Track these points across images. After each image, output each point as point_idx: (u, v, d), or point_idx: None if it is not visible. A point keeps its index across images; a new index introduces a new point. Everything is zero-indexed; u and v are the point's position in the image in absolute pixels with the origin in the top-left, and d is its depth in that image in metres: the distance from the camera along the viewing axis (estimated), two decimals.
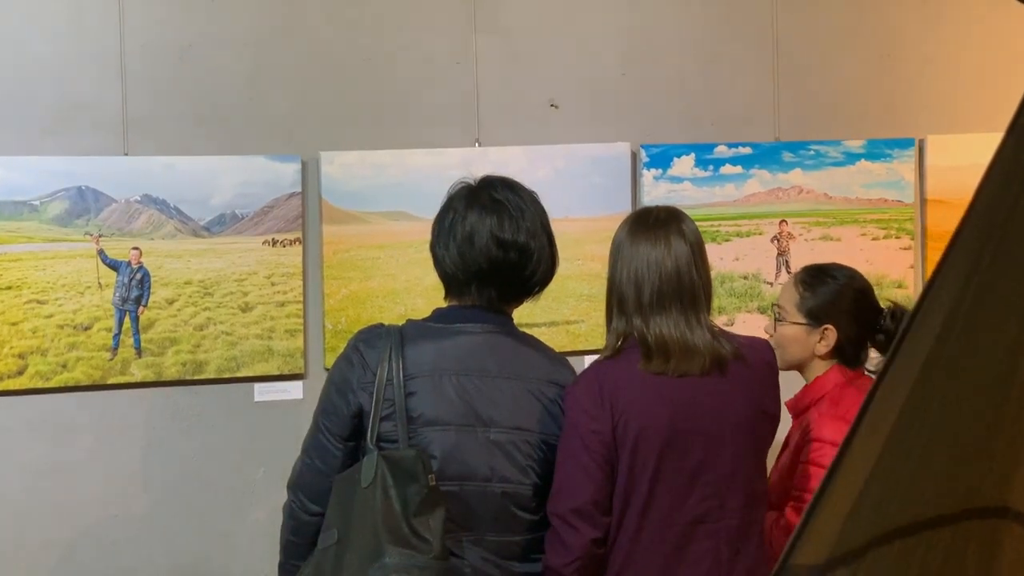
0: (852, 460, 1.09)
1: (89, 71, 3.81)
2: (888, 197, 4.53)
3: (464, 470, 2.84)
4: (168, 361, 3.89)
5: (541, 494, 2.87)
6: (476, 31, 4.12)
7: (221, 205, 3.92)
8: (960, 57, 4.64)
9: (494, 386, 2.87)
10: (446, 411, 2.85)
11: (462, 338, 2.91)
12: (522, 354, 2.91)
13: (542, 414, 2.88)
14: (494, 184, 2.97)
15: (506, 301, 2.95)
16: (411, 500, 2.73)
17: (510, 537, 2.88)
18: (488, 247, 2.87)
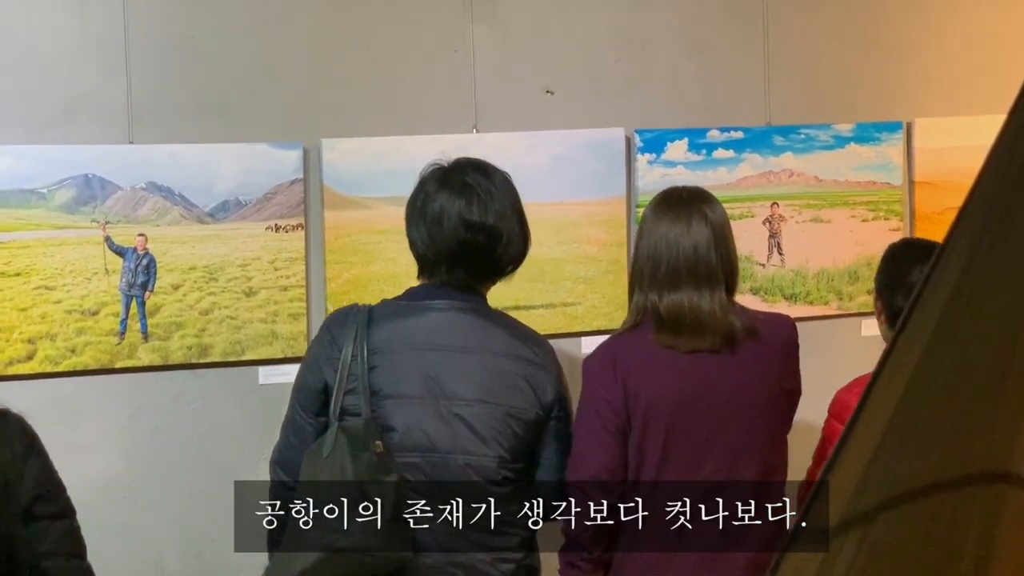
0: (863, 426, 1.10)
1: (93, 61, 3.81)
2: (877, 179, 4.55)
3: (425, 441, 2.90)
4: (174, 345, 3.89)
5: (508, 467, 2.91)
6: (473, 20, 4.13)
7: (225, 192, 3.92)
8: (946, 42, 4.65)
9: (459, 360, 2.92)
10: (408, 385, 2.92)
11: (430, 315, 2.97)
12: (488, 330, 2.95)
13: (506, 388, 2.92)
14: (465, 167, 3.02)
15: (477, 280, 3.00)
16: (361, 467, 2.81)
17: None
18: (457, 229, 2.93)
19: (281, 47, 3.98)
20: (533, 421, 2.95)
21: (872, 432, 1.11)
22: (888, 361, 1.09)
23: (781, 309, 4.44)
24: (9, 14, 3.74)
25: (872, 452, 1.12)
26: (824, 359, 4.49)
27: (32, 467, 2.44)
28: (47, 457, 2.51)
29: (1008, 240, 1.08)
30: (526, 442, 2.95)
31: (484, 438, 2.91)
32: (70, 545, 2.52)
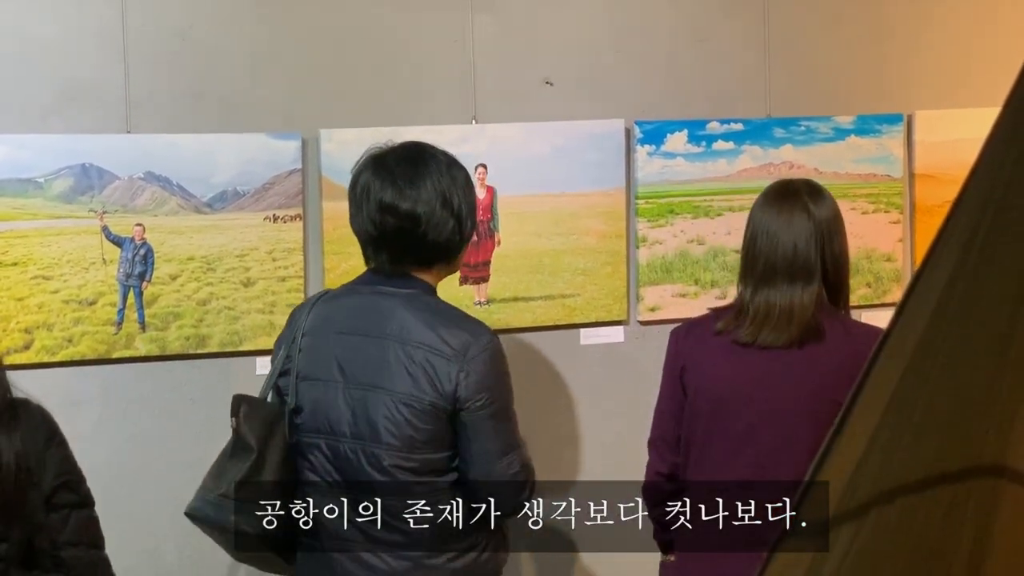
0: (856, 419, 1.10)
1: (92, 50, 3.81)
2: (877, 172, 4.54)
3: (325, 425, 2.94)
4: (172, 336, 3.89)
5: (400, 456, 2.88)
6: (473, 10, 4.12)
7: (223, 182, 3.92)
8: (947, 34, 4.65)
9: (365, 345, 2.92)
10: (318, 367, 2.98)
11: (352, 298, 3.01)
12: (401, 317, 2.92)
13: (407, 376, 2.88)
14: (392, 151, 3.02)
15: (405, 265, 2.98)
16: (229, 443, 3.04)
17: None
18: (373, 210, 2.95)
19: (279, 37, 3.98)
20: (430, 412, 2.87)
21: (864, 427, 1.11)
22: (880, 356, 1.09)
23: None
24: (8, 3, 3.73)
25: (864, 447, 1.12)
26: None
27: (53, 456, 2.45)
28: (68, 447, 2.52)
29: (1002, 234, 1.08)
30: (426, 433, 2.88)
31: (374, 425, 2.90)
32: (89, 535, 2.54)
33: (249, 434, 2.97)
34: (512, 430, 2.98)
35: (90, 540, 2.53)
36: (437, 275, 3.06)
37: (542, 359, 4.25)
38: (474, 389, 2.88)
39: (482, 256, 4.16)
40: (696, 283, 4.37)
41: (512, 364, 3.90)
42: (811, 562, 1.15)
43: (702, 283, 4.37)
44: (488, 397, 2.90)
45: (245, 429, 2.99)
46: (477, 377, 2.89)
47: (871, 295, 4.55)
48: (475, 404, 2.89)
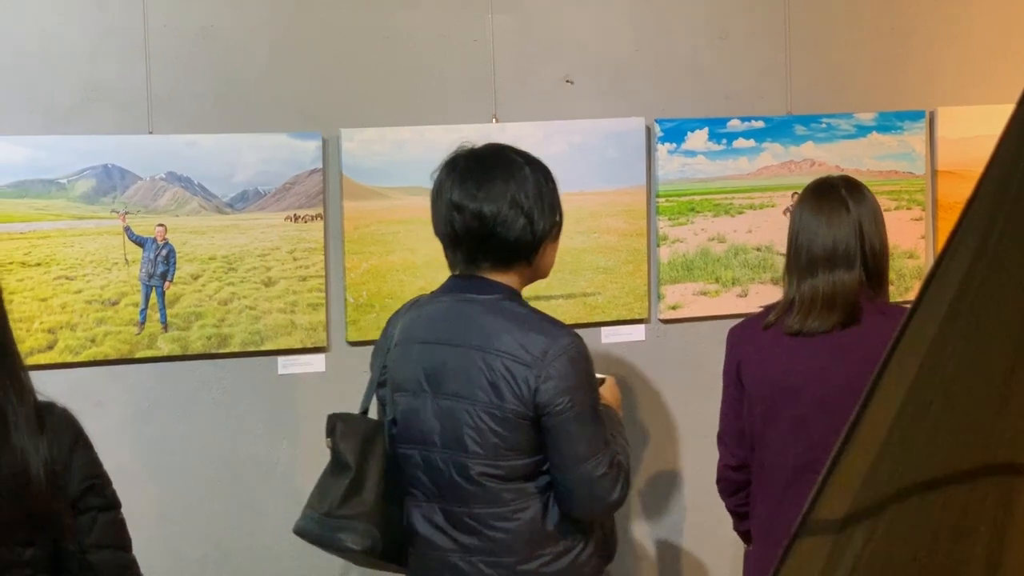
0: (871, 417, 1.10)
1: (113, 51, 3.83)
2: (899, 169, 4.53)
3: (417, 435, 2.97)
4: (194, 335, 3.91)
5: (484, 466, 2.89)
6: (493, 10, 4.13)
7: (244, 182, 3.93)
8: (969, 30, 4.63)
9: (446, 354, 2.95)
10: (407, 377, 3.00)
11: (435, 306, 3.04)
12: (482, 325, 2.93)
13: (488, 385, 2.88)
14: (471, 151, 3.05)
15: (481, 265, 2.98)
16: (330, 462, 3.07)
17: (456, 507, 2.94)
18: (448, 209, 2.97)
19: (300, 37, 3.99)
20: (512, 419, 2.87)
21: (879, 425, 1.11)
22: (895, 353, 1.09)
23: None
24: (30, 4, 3.75)
25: (880, 445, 1.12)
26: None
27: (79, 459, 2.45)
28: (93, 449, 2.52)
29: (1018, 229, 1.08)
30: (510, 440, 2.89)
31: (460, 435, 2.91)
32: (116, 537, 2.51)
33: (346, 452, 3.01)
34: (599, 431, 2.92)
35: (117, 542, 2.52)
36: (519, 278, 3.03)
37: None
38: (553, 393, 2.85)
39: None
40: (717, 281, 4.36)
41: None
42: (826, 561, 1.15)
43: (723, 281, 4.37)
44: (569, 400, 2.86)
45: (342, 447, 3.02)
46: (556, 381, 2.86)
47: (893, 292, 4.51)
48: (556, 408, 2.86)
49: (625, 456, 3.00)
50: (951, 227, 1.09)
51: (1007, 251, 1.10)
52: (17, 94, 3.75)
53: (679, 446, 4.38)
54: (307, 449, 4.07)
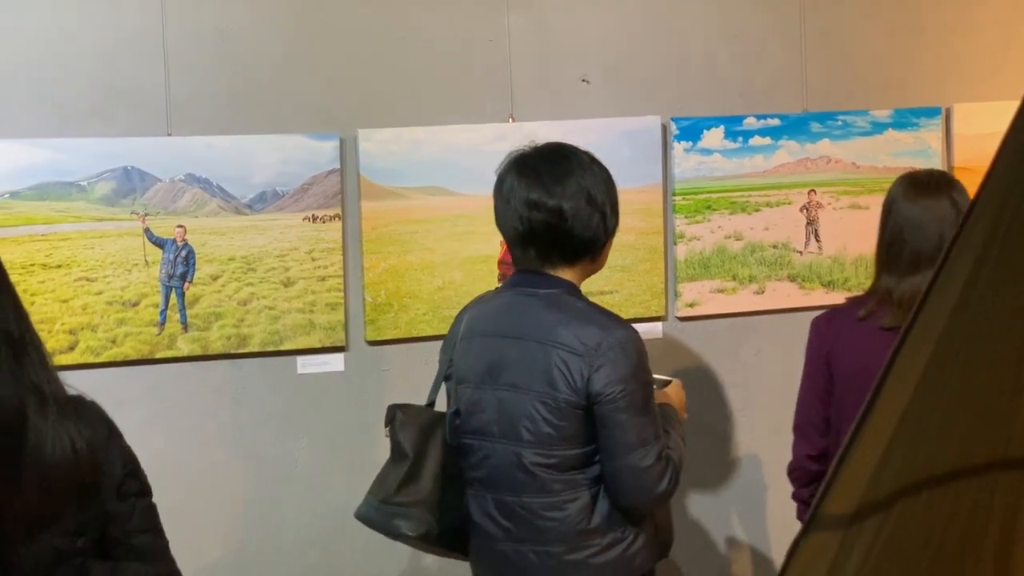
0: (880, 410, 1.10)
1: (132, 55, 3.85)
2: (915, 165, 4.51)
3: (477, 426, 3.06)
4: (213, 335, 3.92)
5: (537, 455, 2.97)
6: (509, 10, 4.13)
7: (262, 183, 3.95)
8: (984, 26, 4.62)
9: (506, 347, 3.03)
10: (470, 370, 3.09)
11: (497, 301, 3.12)
12: (541, 318, 3.00)
13: (543, 376, 2.95)
14: (536, 150, 3.11)
15: (550, 262, 3.05)
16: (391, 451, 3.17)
17: (508, 496, 3.02)
18: (520, 207, 3.00)
19: (317, 38, 4.00)
20: (565, 409, 2.93)
21: (888, 420, 1.11)
22: (902, 348, 1.09)
23: (819, 296, 4.43)
24: (49, 8, 3.77)
25: (888, 440, 1.12)
26: None
27: (116, 447, 2.49)
28: (123, 437, 2.57)
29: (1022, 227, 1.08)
30: (562, 430, 2.94)
31: (515, 425, 2.98)
32: (154, 522, 2.56)
33: (404, 441, 3.12)
34: (649, 423, 2.97)
35: (156, 527, 2.57)
36: (581, 272, 3.11)
37: None
38: (605, 383, 2.91)
39: None
40: (734, 279, 4.36)
41: None
42: (836, 555, 1.15)
43: (740, 278, 4.37)
44: (621, 391, 2.91)
45: (400, 437, 3.13)
46: (608, 371, 2.92)
47: None
48: (607, 398, 2.91)
49: (677, 452, 3.05)
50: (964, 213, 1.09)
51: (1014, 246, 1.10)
52: (37, 97, 3.77)
53: (698, 443, 4.37)
54: (326, 447, 4.09)
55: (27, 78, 3.77)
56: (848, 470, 1.11)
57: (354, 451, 4.09)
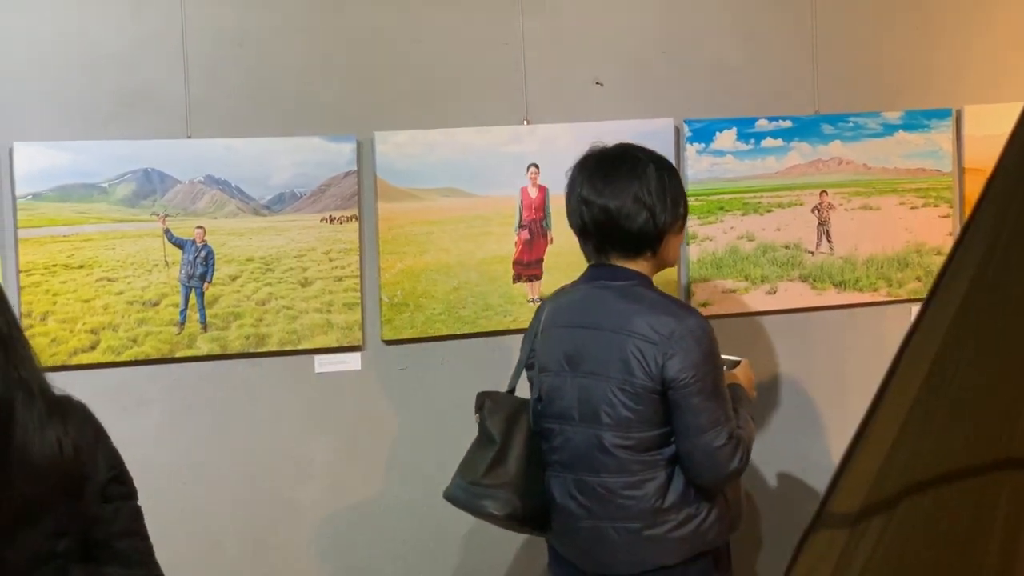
0: (886, 410, 1.10)
1: (152, 58, 3.85)
2: (926, 167, 4.51)
3: (557, 411, 3.25)
4: (232, 335, 3.93)
5: (616, 437, 3.13)
6: (523, 13, 4.13)
7: (280, 185, 3.95)
8: (994, 28, 4.61)
9: (586, 336, 3.20)
10: (550, 359, 3.28)
11: (576, 294, 3.30)
12: (616, 309, 3.17)
13: (620, 363, 3.12)
14: (601, 151, 3.32)
15: (610, 254, 3.24)
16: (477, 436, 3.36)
17: (588, 477, 3.18)
18: (578, 204, 3.24)
19: (334, 42, 4.01)
20: (642, 394, 3.09)
21: (893, 419, 1.11)
22: (907, 349, 1.09)
23: (830, 296, 4.42)
24: (71, 13, 3.79)
25: (893, 439, 1.11)
26: (874, 344, 4.48)
27: (102, 449, 2.46)
28: (111, 440, 2.55)
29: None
30: (640, 413, 3.11)
31: (595, 410, 3.15)
32: (139, 525, 2.52)
33: (492, 427, 3.30)
34: (720, 405, 3.13)
35: (141, 530, 2.53)
36: (649, 265, 3.27)
37: None
38: (678, 369, 3.08)
39: (535, 254, 4.17)
40: (746, 279, 4.35)
41: None
42: (842, 553, 1.14)
43: (752, 279, 4.36)
44: (693, 375, 3.08)
45: (488, 422, 3.31)
46: (682, 358, 3.08)
47: (922, 289, 4.52)
48: (680, 383, 3.08)
49: (747, 431, 3.20)
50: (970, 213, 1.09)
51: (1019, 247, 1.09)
52: (59, 101, 3.79)
53: None
54: (344, 445, 4.09)
55: (50, 82, 3.78)
56: (854, 469, 1.11)
57: (371, 448, 4.10)
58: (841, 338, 4.51)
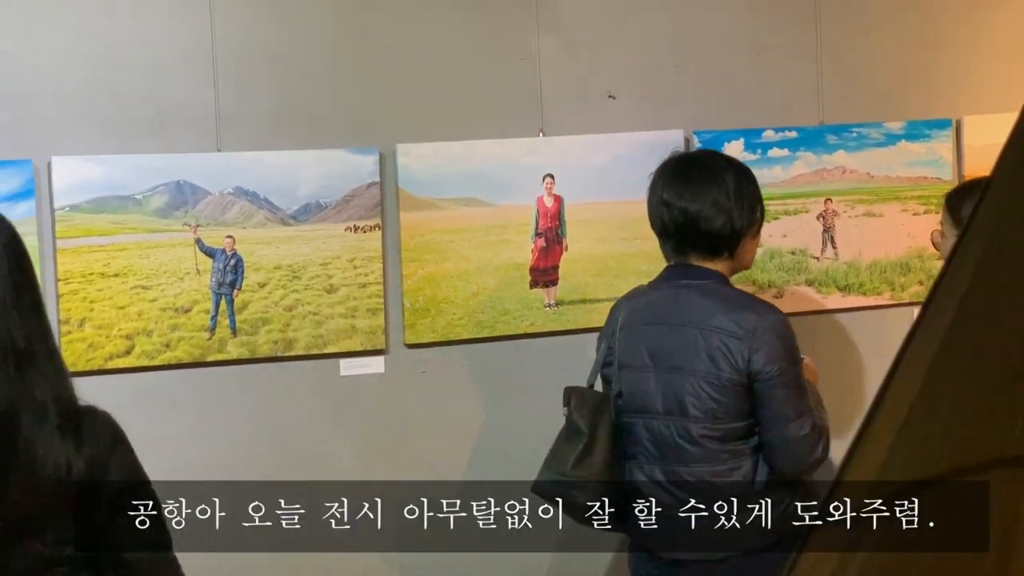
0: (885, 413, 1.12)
1: (184, 74, 3.89)
2: (928, 175, 4.53)
3: (640, 405, 3.30)
4: (261, 340, 3.96)
5: (704, 428, 3.19)
6: (539, 30, 4.16)
7: (306, 195, 3.99)
8: (993, 41, 4.63)
9: (669, 333, 3.26)
10: (632, 355, 3.32)
11: (656, 293, 3.36)
12: (699, 306, 3.23)
13: (707, 358, 3.18)
14: (684, 156, 3.45)
15: (688, 254, 3.31)
16: (563, 429, 3.38)
17: (680, 467, 3.23)
18: (659, 206, 3.31)
19: (358, 59, 4.04)
20: (728, 387, 3.16)
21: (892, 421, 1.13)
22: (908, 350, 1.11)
23: (835, 300, 4.45)
24: (106, 33, 3.82)
25: (892, 440, 1.14)
26: (877, 347, 4.50)
27: (117, 460, 2.40)
28: (132, 452, 2.45)
29: None
30: (726, 405, 3.17)
31: (682, 402, 3.21)
32: (154, 537, 2.45)
33: (580, 420, 3.32)
34: (802, 396, 3.22)
35: (155, 543, 2.45)
36: (726, 266, 3.33)
37: None
38: (764, 362, 3.15)
39: (551, 261, 4.20)
40: (754, 284, 4.37)
41: (578, 364, 3.94)
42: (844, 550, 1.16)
43: (759, 284, 4.39)
44: (778, 368, 3.16)
45: (576, 416, 3.34)
46: (766, 352, 3.16)
47: (924, 293, 4.53)
48: (766, 375, 3.16)
49: (824, 422, 3.27)
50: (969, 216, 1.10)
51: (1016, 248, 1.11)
52: (95, 116, 3.83)
53: None
54: (368, 445, 4.12)
55: (86, 99, 3.83)
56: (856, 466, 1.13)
57: (394, 448, 4.13)
58: (845, 340, 4.54)
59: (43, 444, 2.28)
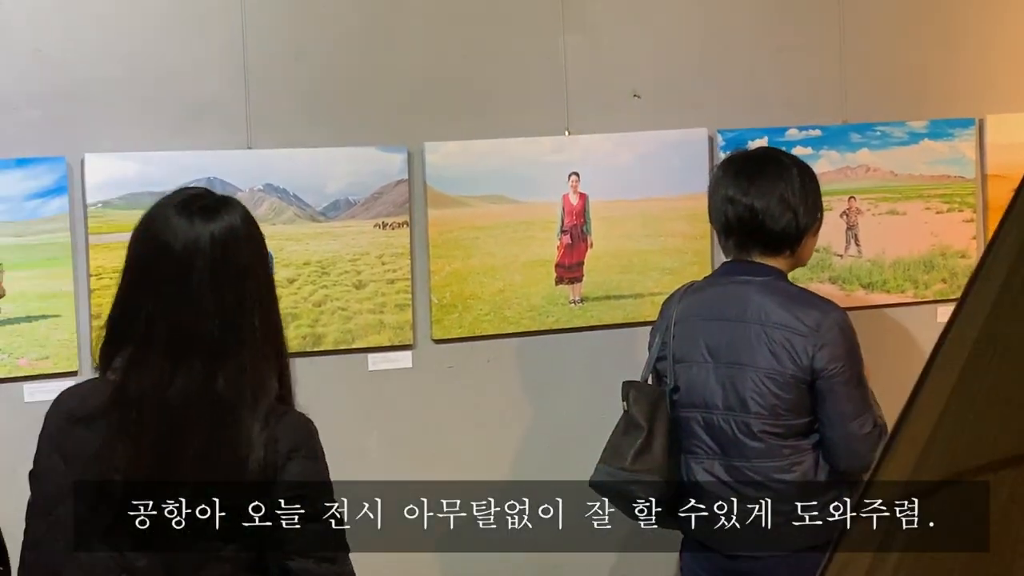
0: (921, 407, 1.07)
1: (215, 73, 3.87)
2: (951, 173, 4.47)
3: (699, 400, 3.25)
4: (290, 335, 3.91)
5: (765, 424, 3.15)
6: (565, 30, 4.12)
7: (335, 192, 3.95)
8: (1016, 40, 4.57)
9: (729, 329, 3.20)
10: (689, 350, 3.27)
11: (713, 289, 3.31)
12: (759, 302, 3.18)
13: (769, 354, 3.13)
14: (747, 153, 3.43)
15: (751, 251, 3.26)
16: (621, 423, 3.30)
17: (740, 462, 3.18)
18: (723, 202, 3.25)
19: (386, 58, 4.01)
20: (791, 383, 3.12)
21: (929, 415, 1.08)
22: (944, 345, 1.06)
23: (858, 297, 4.39)
24: (140, 32, 3.80)
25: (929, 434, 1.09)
26: (900, 343, 4.44)
27: (295, 467, 2.34)
28: (316, 460, 2.42)
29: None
30: (788, 401, 3.13)
31: (743, 398, 3.16)
32: (323, 549, 2.35)
33: (638, 414, 3.26)
34: (864, 394, 3.19)
35: (323, 554, 2.35)
36: (786, 263, 3.29)
37: (631, 355, 4.21)
38: (827, 360, 3.12)
39: (576, 258, 4.16)
40: None
41: (605, 359, 3.90)
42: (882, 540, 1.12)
43: None
44: (841, 366, 3.13)
45: (635, 410, 3.28)
46: (830, 348, 3.12)
47: (947, 290, 4.47)
48: (829, 372, 3.12)
49: (884, 420, 3.22)
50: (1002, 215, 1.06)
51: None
52: (128, 114, 3.81)
53: None
54: (396, 439, 4.09)
55: (120, 97, 3.81)
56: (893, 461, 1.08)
57: (421, 441, 4.10)
58: (869, 337, 4.46)
59: (255, 434, 2.28)
